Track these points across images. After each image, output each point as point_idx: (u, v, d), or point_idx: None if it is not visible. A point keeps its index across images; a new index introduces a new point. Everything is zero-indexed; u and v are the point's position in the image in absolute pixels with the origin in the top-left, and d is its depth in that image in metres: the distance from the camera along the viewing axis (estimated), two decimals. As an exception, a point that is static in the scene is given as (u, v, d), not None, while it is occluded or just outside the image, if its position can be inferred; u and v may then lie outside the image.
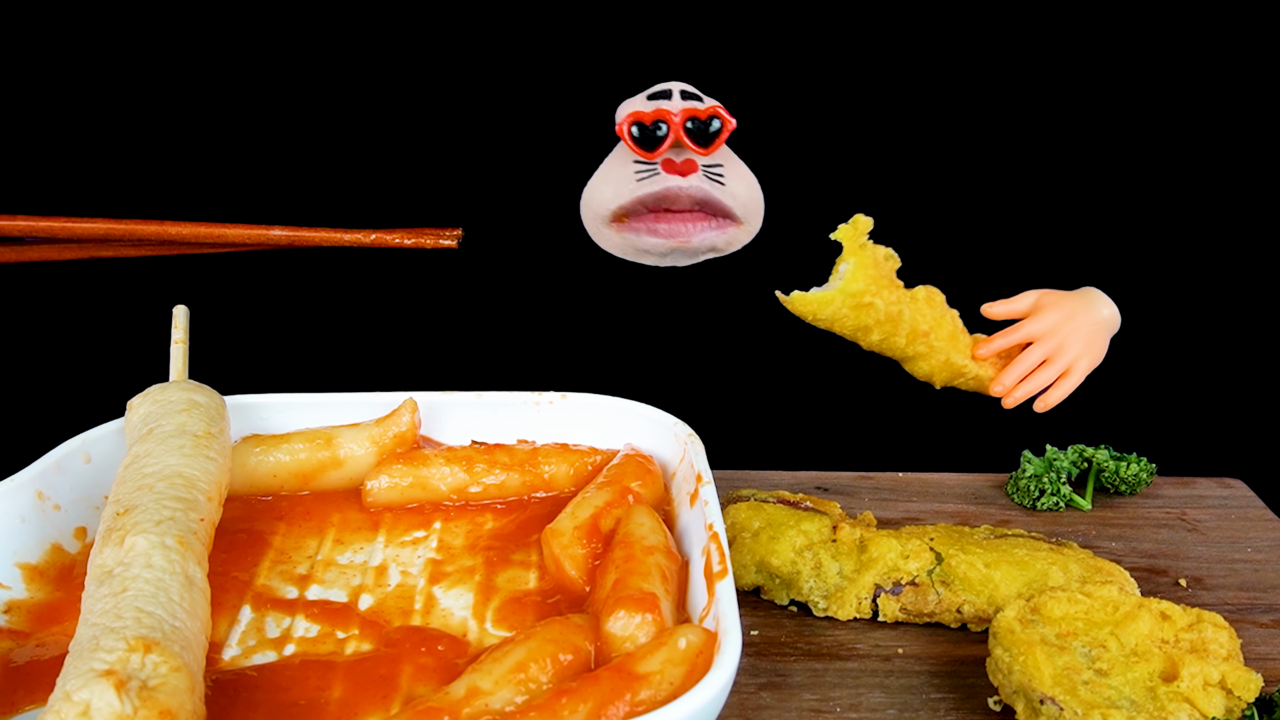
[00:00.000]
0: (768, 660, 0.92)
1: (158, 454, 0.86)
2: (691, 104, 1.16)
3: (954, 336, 1.11)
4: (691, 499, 0.91)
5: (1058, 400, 1.13)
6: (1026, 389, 1.12)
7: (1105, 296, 1.17)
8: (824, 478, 1.22)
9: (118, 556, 0.75)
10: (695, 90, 1.20)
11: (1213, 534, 1.13)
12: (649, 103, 1.17)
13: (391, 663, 0.77)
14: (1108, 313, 1.16)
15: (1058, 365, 1.13)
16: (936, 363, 1.11)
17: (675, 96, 1.17)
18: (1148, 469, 1.18)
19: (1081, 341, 1.13)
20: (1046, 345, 1.12)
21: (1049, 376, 1.12)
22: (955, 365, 1.11)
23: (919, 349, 1.09)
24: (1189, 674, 0.80)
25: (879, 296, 1.04)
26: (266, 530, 0.94)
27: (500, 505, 0.98)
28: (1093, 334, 1.14)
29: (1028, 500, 1.17)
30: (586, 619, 0.79)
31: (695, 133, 1.16)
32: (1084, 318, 1.14)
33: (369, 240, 1.15)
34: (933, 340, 1.09)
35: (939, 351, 1.10)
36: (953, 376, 1.12)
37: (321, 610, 0.84)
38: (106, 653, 0.66)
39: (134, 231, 1.13)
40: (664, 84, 1.19)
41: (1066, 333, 1.13)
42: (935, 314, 1.09)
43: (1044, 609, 0.86)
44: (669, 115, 1.15)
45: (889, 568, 0.96)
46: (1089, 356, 1.13)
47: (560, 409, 1.05)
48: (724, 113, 1.17)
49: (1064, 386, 1.13)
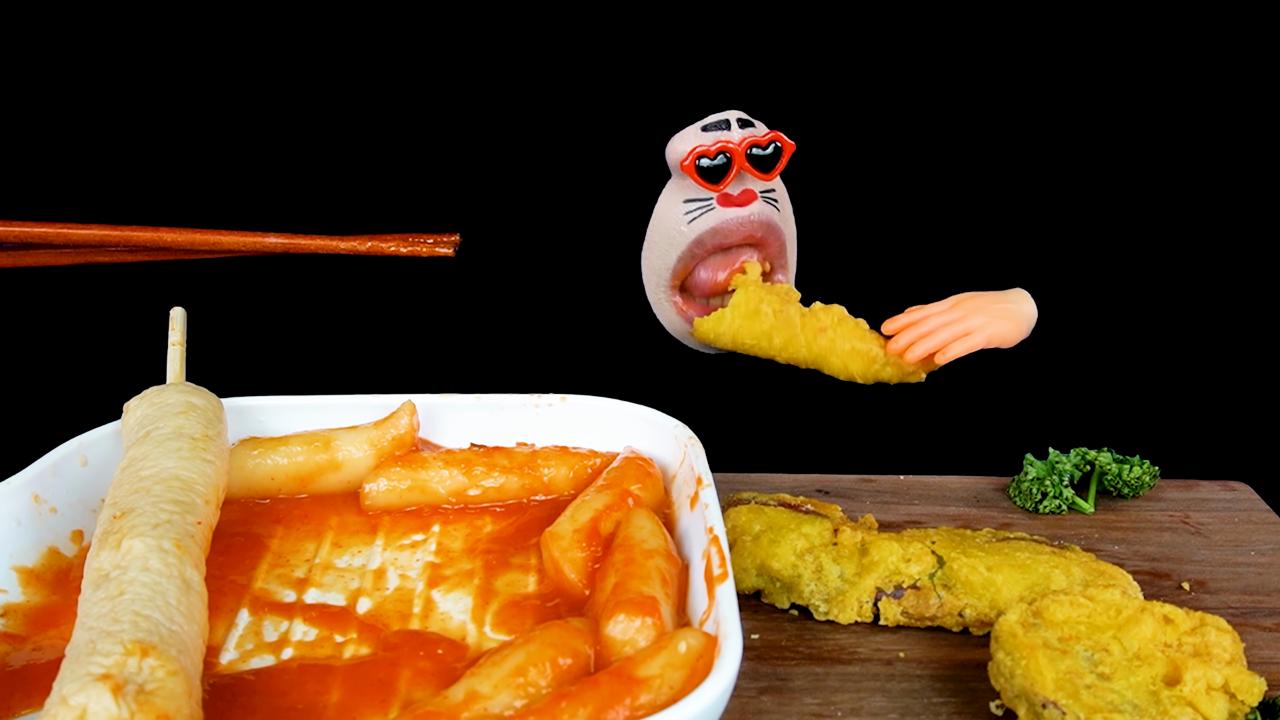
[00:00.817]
0: (768, 664, 0.92)
1: (155, 457, 0.86)
2: (750, 132, 1.17)
3: (855, 329, 1.13)
4: (692, 502, 0.91)
5: (957, 353, 1.13)
6: (925, 345, 1.13)
7: (1027, 295, 1.18)
8: (825, 480, 1.22)
9: (115, 560, 0.75)
10: (749, 117, 1.20)
11: (1216, 537, 1.13)
12: (706, 134, 1.17)
13: (390, 667, 0.78)
14: (1025, 307, 1.17)
15: (957, 327, 1.13)
16: (845, 353, 1.13)
17: (733, 126, 1.18)
18: (1151, 472, 1.18)
19: (985, 313, 1.14)
20: (947, 315, 1.13)
21: (946, 335, 1.13)
22: (862, 352, 1.13)
23: (822, 345, 1.13)
24: (1192, 678, 0.80)
25: (766, 303, 1.15)
26: (264, 533, 0.94)
27: (499, 508, 0.98)
28: (999, 312, 1.15)
29: (1030, 503, 1.17)
30: (586, 623, 0.79)
31: (757, 159, 1.17)
32: (992, 299, 1.15)
33: (364, 248, 1.15)
34: (832, 335, 1.13)
35: (843, 340, 1.13)
36: (868, 365, 1.14)
37: (319, 614, 0.84)
38: (103, 657, 0.66)
39: (130, 238, 1.13)
40: (719, 114, 1.19)
41: (967, 306, 1.14)
42: (832, 316, 1.14)
43: (1046, 613, 0.86)
44: (731, 146, 1.15)
45: (890, 571, 0.96)
46: (993, 327, 1.14)
47: (560, 411, 1.05)
48: (783, 137, 1.18)
49: (964, 342, 1.13)
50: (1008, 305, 1.16)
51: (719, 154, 1.15)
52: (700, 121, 1.18)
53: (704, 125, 1.18)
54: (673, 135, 1.18)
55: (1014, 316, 1.16)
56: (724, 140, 1.16)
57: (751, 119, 1.19)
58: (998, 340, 1.14)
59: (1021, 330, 1.16)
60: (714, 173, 1.16)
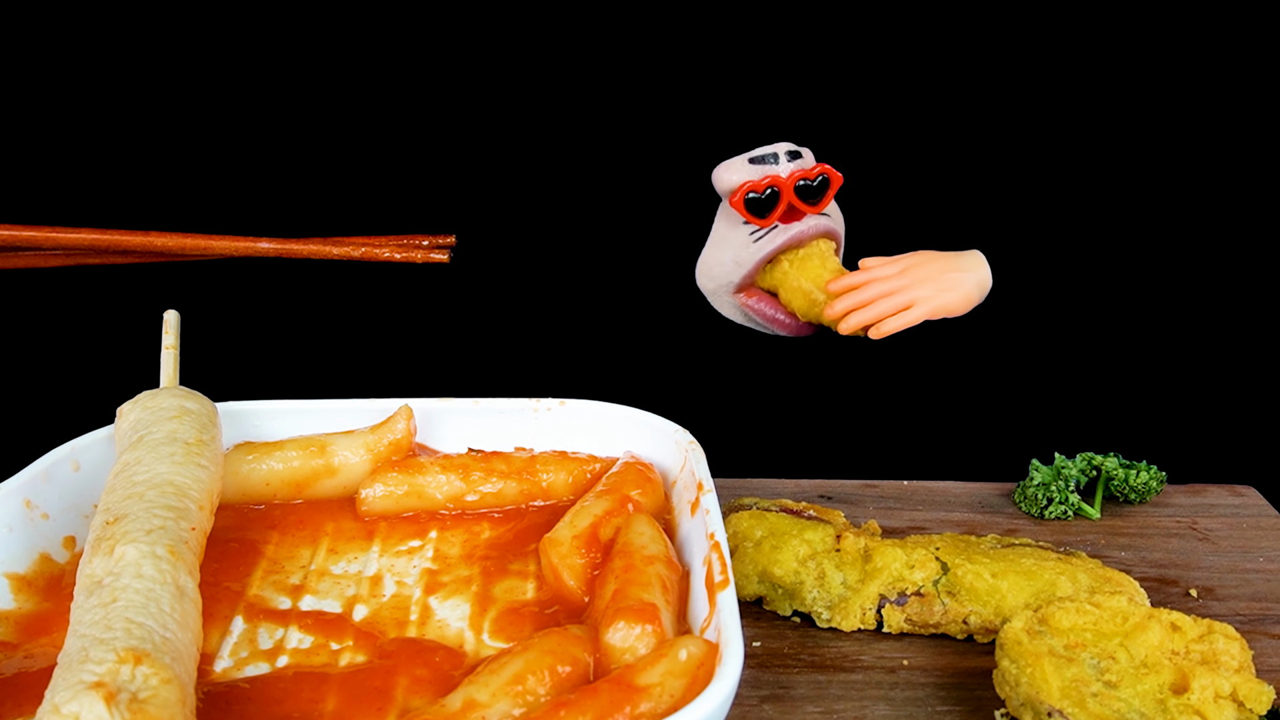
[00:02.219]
0: (770, 672, 0.92)
1: (148, 462, 0.86)
2: (798, 165, 1.18)
3: (814, 269, 1.17)
4: (693, 508, 0.91)
5: (893, 329, 1.13)
6: (861, 317, 1.13)
7: (982, 257, 1.19)
8: (828, 486, 1.22)
9: (107, 566, 0.75)
10: (795, 148, 1.21)
11: (1224, 543, 1.13)
12: (754, 168, 1.18)
13: (386, 675, 0.78)
14: (977, 271, 1.17)
15: (899, 299, 1.14)
16: (791, 288, 1.18)
17: (782, 159, 1.19)
18: (1158, 477, 1.18)
19: (931, 284, 1.14)
20: (892, 283, 1.14)
21: (886, 307, 1.13)
22: (805, 292, 1.17)
23: (777, 276, 1.19)
24: (1200, 686, 0.80)
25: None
26: (259, 539, 0.94)
27: (497, 514, 0.98)
28: (948, 280, 1.15)
29: (1035, 509, 1.17)
30: (585, 630, 0.79)
31: (804, 191, 1.18)
32: (941, 265, 1.16)
33: (358, 254, 1.15)
34: (786, 266, 1.18)
35: (795, 275, 1.18)
36: (808, 307, 1.18)
37: (315, 621, 0.84)
38: (96, 664, 0.66)
39: (120, 242, 1.13)
40: (766, 148, 1.20)
41: (916, 274, 1.14)
42: (801, 252, 1.18)
43: (1052, 620, 0.86)
44: (780, 180, 1.16)
45: (894, 578, 0.96)
46: (939, 299, 1.14)
47: (559, 416, 1.05)
48: (831, 169, 1.19)
49: (904, 317, 1.14)
50: (956, 273, 1.16)
51: (767, 189, 1.16)
52: (748, 154, 1.19)
53: (751, 158, 1.19)
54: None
55: (961, 285, 1.16)
56: (772, 175, 1.17)
57: (799, 149, 1.20)
58: (942, 313, 1.15)
59: (971, 299, 1.17)
60: (762, 207, 1.17)
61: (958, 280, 1.16)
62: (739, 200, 1.16)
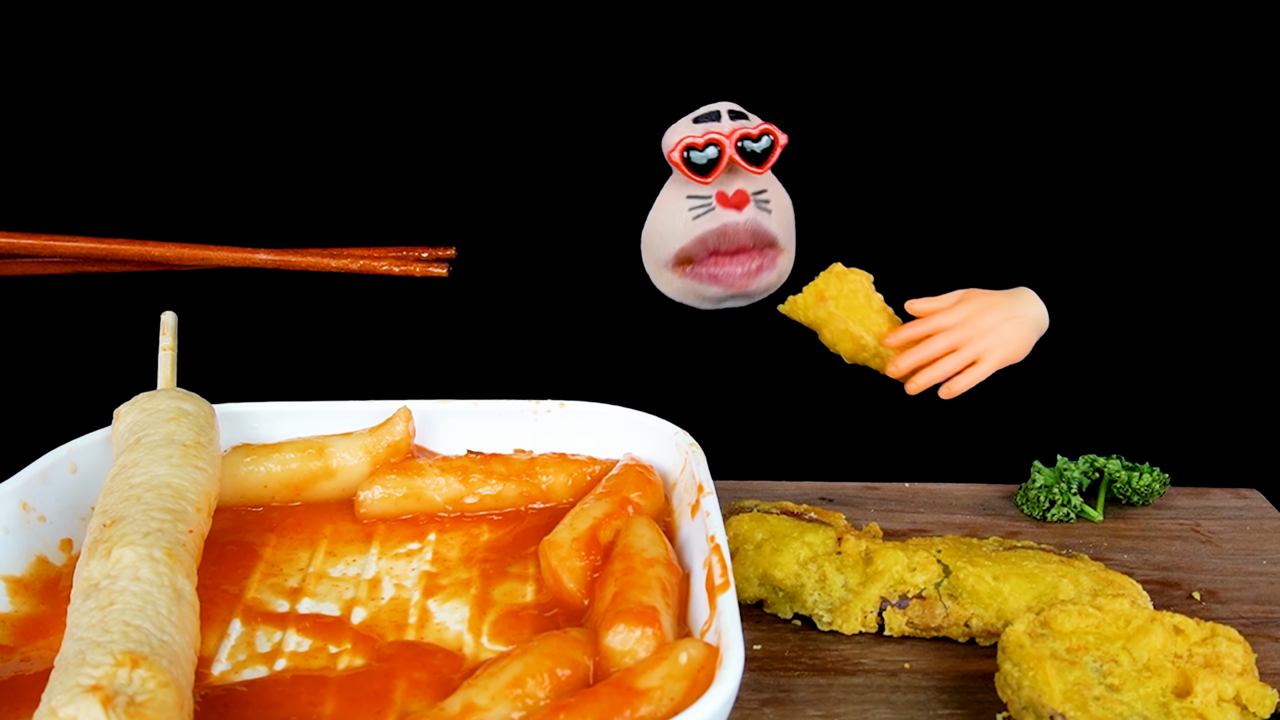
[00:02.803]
0: (771, 675, 0.92)
1: (145, 464, 0.86)
2: (741, 124, 1.16)
3: (859, 309, 1.13)
4: (693, 510, 0.91)
5: (963, 388, 1.12)
6: (930, 375, 1.12)
7: (1035, 296, 1.17)
8: (829, 488, 1.23)
9: (104, 569, 0.75)
10: (742, 109, 1.19)
11: (1227, 546, 1.13)
12: (697, 126, 1.17)
13: (385, 678, 0.78)
14: (1033, 312, 1.16)
15: (965, 354, 1.12)
16: (836, 330, 1.14)
17: (724, 118, 1.17)
18: (1161, 479, 1.18)
19: (995, 334, 1.13)
20: (955, 335, 1.12)
21: (954, 364, 1.12)
22: (854, 335, 1.13)
23: (819, 314, 1.14)
24: (1203, 689, 0.80)
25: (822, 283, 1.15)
26: (257, 542, 0.94)
27: (497, 516, 0.98)
28: (1010, 327, 1.14)
29: (1038, 511, 1.17)
30: (585, 633, 0.79)
31: (748, 152, 1.16)
32: (1002, 311, 1.14)
33: (355, 266, 1.14)
34: (831, 307, 1.13)
35: (837, 319, 1.13)
36: (855, 350, 1.14)
37: (313, 624, 0.84)
38: (93, 668, 0.66)
39: (117, 251, 1.12)
40: (710, 105, 1.18)
41: (979, 323, 1.13)
42: (844, 286, 1.13)
43: (1054, 623, 0.86)
44: (720, 138, 1.15)
45: (895, 580, 0.96)
46: (1003, 349, 1.13)
47: (558, 418, 1.05)
48: (775, 130, 1.17)
49: (972, 374, 1.12)
50: (1017, 317, 1.14)
51: (708, 145, 1.14)
52: (693, 113, 1.17)
53: (695, 117, 1.17)
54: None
55: (1023, 330, 1.14)
56: (713, 132, 1.15)
57: (745, 111, 1.19)
58: (1008, 361, 1.13)
59: (1031, 342, 1.15)
60: (703, 166, 1.15)
61: (1019, 325, 1.14)
62: (678, 156, 1.15)
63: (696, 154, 1.14)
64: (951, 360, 1.12)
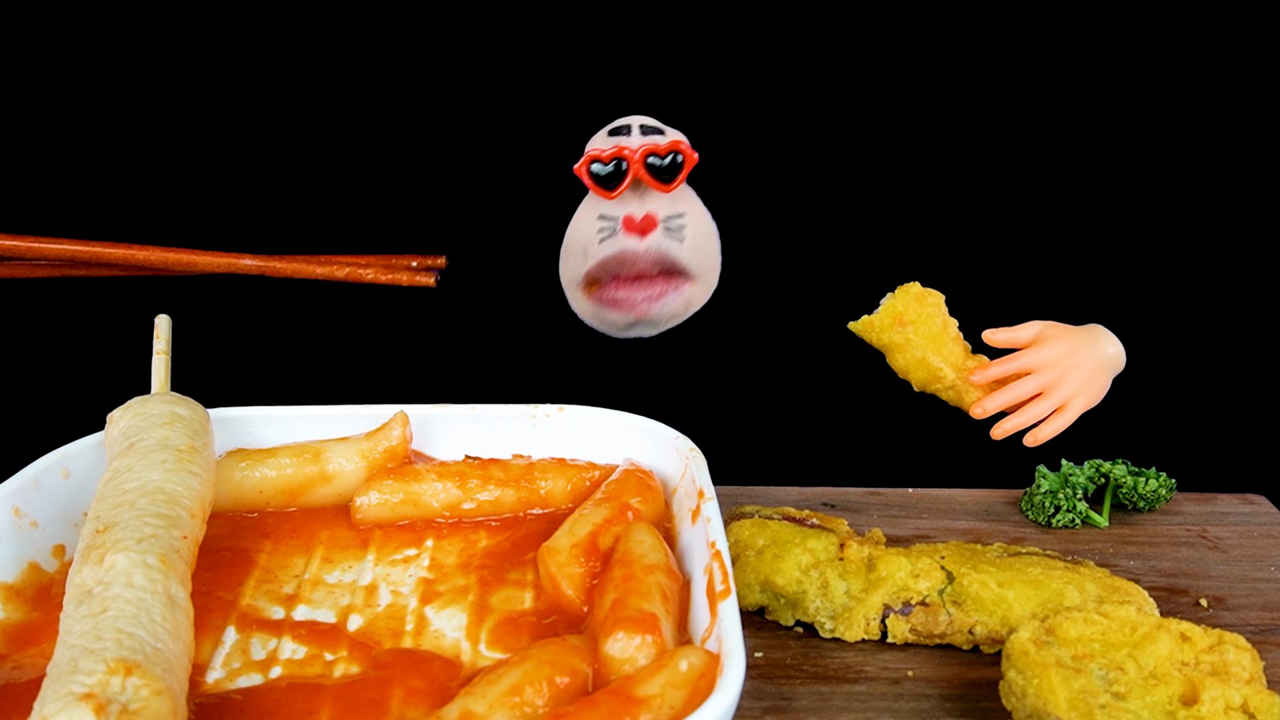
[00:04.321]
0: (772, 683, 0.92)
1: (139, 469, 0.87)
2: (652, 139, 1.14)
3: (937, 337, 1.11)
4: (693, 516, 0.91)
5: (1049, 436, 1.11)
6: (1017, 421, 1.11)
7: (1111, 335, 1.16)
8: (831, 494, 1.23)
9: (97, 575, 0.75)
10: (656, 124, 1.17)
11: (1235, 552, 1.13)
12: (608, 139, 1.15)
13: (381, 686, 0.78)
14: (1112, 351, 1.15)
15: (1053, 399, 1.11)
16: (912, 359, 1.11)
17: (635, 131, 1.14)
18: (1167, 484, 1.18)
19: (1081, 378, 1.11)
20: (1044, 378, 1.11)
21: (1043, 410, 1.11)
22: (932, 368, 1.11)
23: (894, 338, 1.10)
24: (1210, 698, 0.80)
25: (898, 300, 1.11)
26: (252, 548, 0.94)
27: (495, 522, 0.98)
28: (1094, 371, 1.13)
29: (1042, 517, 1.17)
30: (584, 640, 0.79)
31: (656, 169, 1.14)
32: (1087, 353, 1.13)
33: (341, 274, 1.14)
34: (910, 333, 1.10)
35: (915, 346, 1.10)
36: (929, 380, 1.12)
37: (309, 631, 0.85)
38: (86, 675, 0.66)
39: (102, 255, 1.12)
40: (623, 119, 1.15)
41: (1067, 367, 1.11)
42: (922, 310, 1.11)
43: (1059, 630, 0.86)
44: (627, 152, 1.12)
45: (898, 587, 0.96)
46: (1087, 394, 1.12)
47: (557, 422, 1.06)
48: (685, 147, 1.15)
49: (1057, 422, 1.11)
50: (1098, 359, 1.12)
51: (613, 160, 1.12)
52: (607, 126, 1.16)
53: (610, 129, 1.15)
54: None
55: (1106, 376, 1.13)
56: (621, 145, 1.14)
57: (661, 126, 1.17)
58: (1089, 406, 1.12)
59: (1108, 385, 1.14)
60: (608, 180, 1.14)
61: (1103, 372, 1.13)
62: (583, 168, 1.13)
63: (600, 166, 1.13)
64: (1039, 406, 1.10)
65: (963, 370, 1.11)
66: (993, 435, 1.12)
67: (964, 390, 1.12)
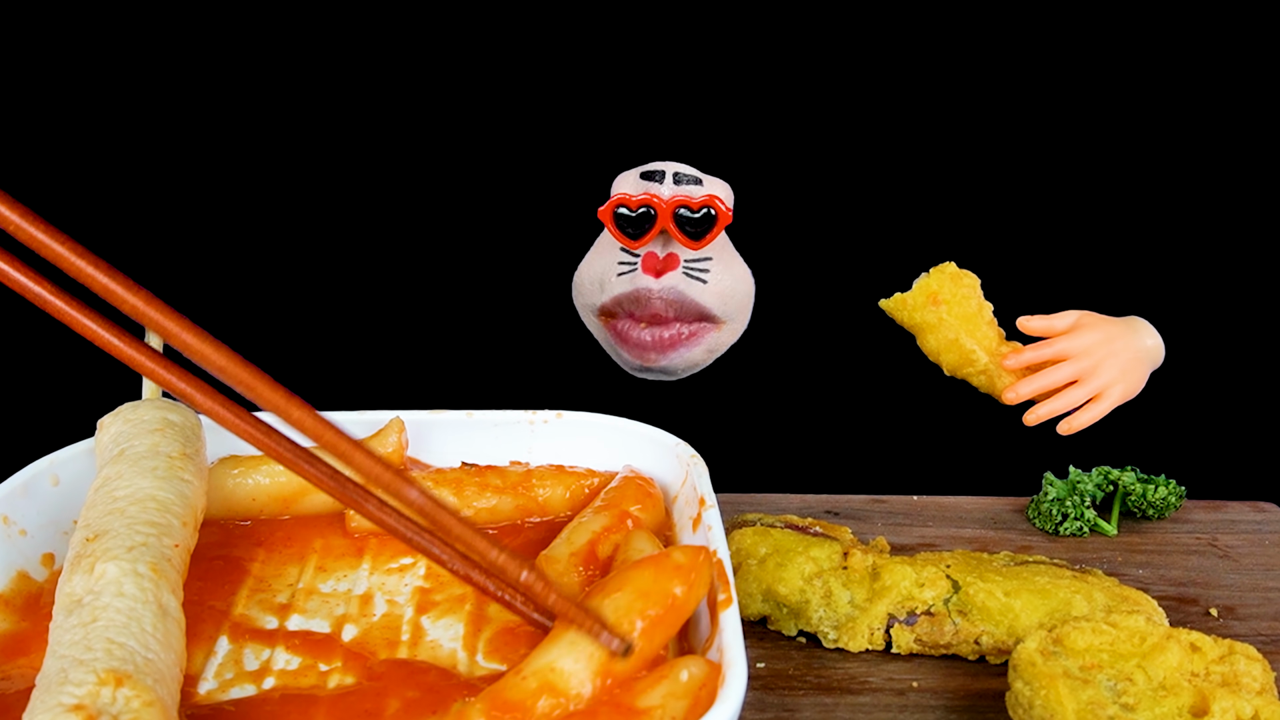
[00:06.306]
0: (775, 694, 0.92)
1: (130, 476, 0.86)
2: (685, 190, 1.10)
3: (971, 319, 1.10)
4: (694, 524, 0.91)
5: (1084, 424, 1.11)
6: (1051, 407, 1.10)
7: (1151, 327, 1.14)
8: (834, 501, 1.23)
9: (87, 584, 0.75)
10: (694, 172, 1.12)
11: (1245, 561, 1.13)
12: (640, 183, 1.11)
13: (377, 697, 0.77)
14: (1151, 343, 1.13)
15: (1089, 387, 1.10)
16: (944, 340, 1.10)
17: (668, 179, 1.10)
18: (1177, 492, 1.18)
19: (1118, 368, 1.10)
20: (1079, 365, 1.10)
21: (1078, 398, 1.10)
22: (965, 350, 1.10)
23: (927, 317, 1.09)
24: (1220, 709, 0.80)
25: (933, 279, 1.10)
26: (245, 557, 0.94)
27: (492, 530, 0.98)
28: (1131, 362, 1.11)
29: (1050, 525, 1.17)
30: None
31: (685, 221, 1.10)
32: (1124, 343, 1.12)
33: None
34: (944, 313, 1.09)
35: (948, 327, 1.09)
36: (961, 363, 1.11)
37: (303, 641, 0.84)
38: (75, 686, 0.66)
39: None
40: (658, 163, 1.11)
41: (1103, 355, 1.10)
42: (957, 290, 1.09)
43: (1067, 640, 0.86)
44: (658, 201, 1.08)
45: (903, 596, 0.96)
46: (1124, 384, 1.10)
47: (555, 429, 1.06)
48: (720, 203, 1.10)
49: (1093, 410, 1.10)
50: (1138, 351, 1.10)
51: (641, 207, 1.08)
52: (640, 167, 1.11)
53: (643, 172, 1.10)
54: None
55: (1144, 367, 1.11)
56: (651, 194, 1.09)
57: (699, 175, 1.12)
58: (1125, 399, 1.10)
59: (1146, 377, 1.12)
60: (633, 227, 1.09)
61: (1141, 363, 1.11)
62: (608, 213, 1.08)
63: (627, 211, 1.08)
64: (1075, 393, 1.09)
65: (996, 354, 1.11)
66: (1025, 421, 1.11)
67: (996, 375, 1.11)
